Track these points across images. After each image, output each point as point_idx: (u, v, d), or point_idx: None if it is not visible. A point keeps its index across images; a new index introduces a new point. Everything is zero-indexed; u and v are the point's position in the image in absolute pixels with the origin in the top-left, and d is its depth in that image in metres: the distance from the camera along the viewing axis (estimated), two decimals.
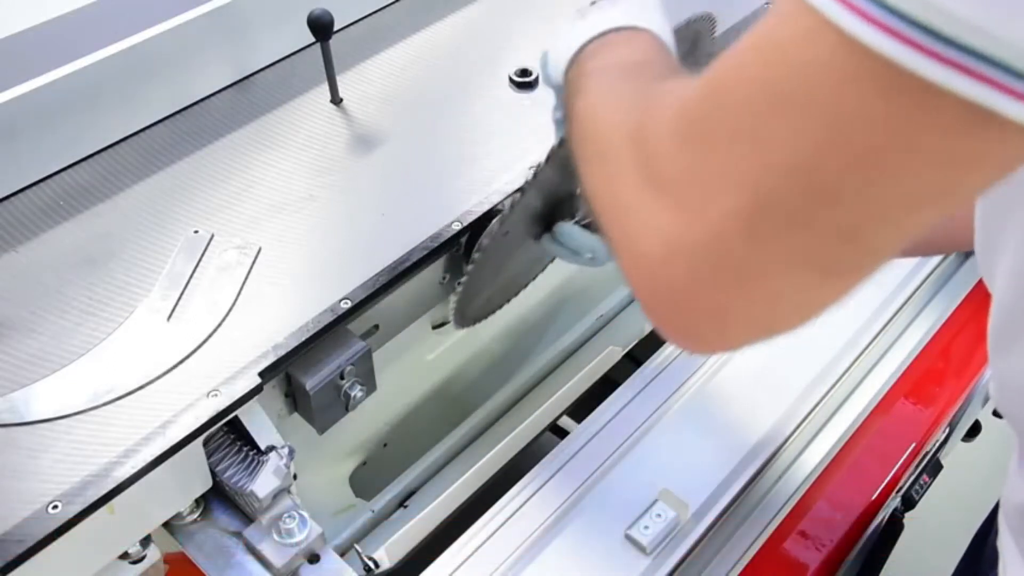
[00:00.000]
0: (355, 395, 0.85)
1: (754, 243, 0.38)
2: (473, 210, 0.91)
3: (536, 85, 1.08)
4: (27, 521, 0.67)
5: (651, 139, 0.42)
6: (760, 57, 0.37)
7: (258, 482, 0.76)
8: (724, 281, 0.39)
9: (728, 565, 0.84)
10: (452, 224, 0.90)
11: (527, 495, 0.85)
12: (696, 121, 0.40)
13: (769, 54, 0.37)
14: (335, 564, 0.77)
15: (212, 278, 0.86)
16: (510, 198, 0.77)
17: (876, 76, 0.33)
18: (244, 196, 0.95)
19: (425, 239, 0.89)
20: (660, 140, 0.41)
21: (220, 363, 0.79)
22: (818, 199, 0.36)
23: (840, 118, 0.34)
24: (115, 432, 0.73)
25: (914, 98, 0.32)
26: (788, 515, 0.88)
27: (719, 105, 0.39)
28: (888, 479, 0.92)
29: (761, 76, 0.37)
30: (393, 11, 1.22)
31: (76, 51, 0.97)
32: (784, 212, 0.37)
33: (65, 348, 0.80)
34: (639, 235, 0.42)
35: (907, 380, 1.01)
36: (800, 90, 0.35)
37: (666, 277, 0.41)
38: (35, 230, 0.92)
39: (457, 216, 0.91)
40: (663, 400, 0.92)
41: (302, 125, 1.04)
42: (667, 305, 0.42)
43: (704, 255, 0.39)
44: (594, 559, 0.80)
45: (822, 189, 0.36)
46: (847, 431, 0.94)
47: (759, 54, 0.38)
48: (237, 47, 1.09)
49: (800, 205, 0.36)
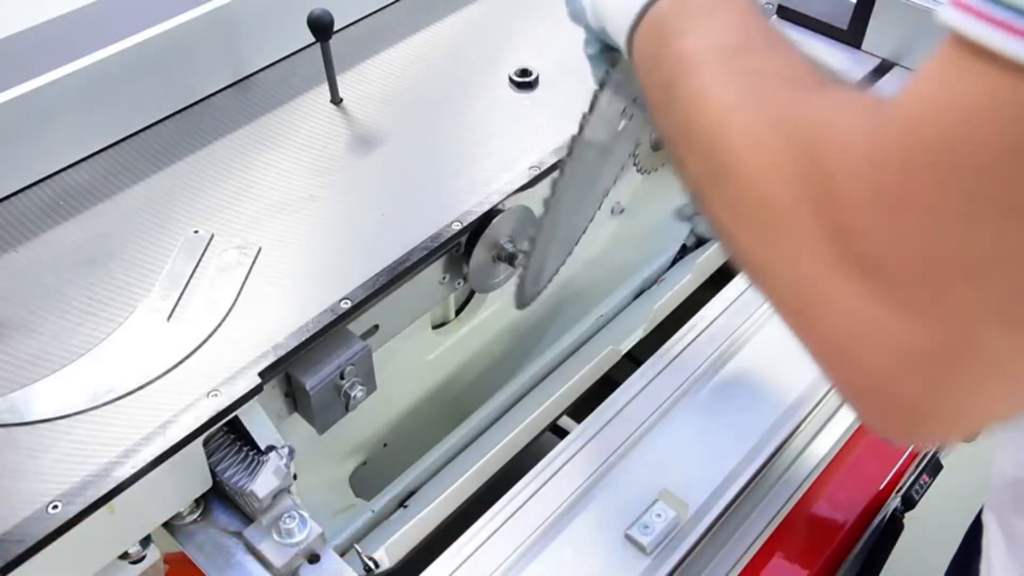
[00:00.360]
0: (355, 395, 0.85)
1: (1014, 333, 0.31)
2: (473, 210, 0.91)
3: (536, 85, 1.08)
4: (27, 521, 0.67)
5: (844, 202, 0.33)
6: (999, 115, 0.30)
7: (258, 482, 0.76)
8: (974, 382, 0.32)
9: (728, 565, 0.84)
10: (452, 224, 0.90)
11: (527, 495, 0.85)
12: (914, 190, 0.31)
13: (1010, 111, 0.29)
14: (335, 564, 0.77)
15: (212, 278, 0.86)
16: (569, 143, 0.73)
17: None
18: (244, 196, 0.95)
19: (425, 239, 0.89)
20: (858, 207, 0.32)
21: (220, 363, 0.79)
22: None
23: None
24: (115, 432, 0.73)
25: None
26: (788, 515, 0.88)
27: (947, 170, 0.30)
28: (888, 479, 0.92)
29: (1003, 137, 0.29)
30: (393, 11, 1.22)
31: (76, 51, 0.97)
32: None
33: (65, 348, 0.80)
34: (845, 332, 0.34)
35: None
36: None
37: (895, 391, 0.34)
38: (35, 230, 0.92)
39: (457, 216, 0.91)
40: (663, 400, 0.92)
41: (302, 125, 1.05)
42: (893, 417, 0.36)
43: (948, 362, 0.32)
44: (594, 559, 0.80)
45: None
46: (847, 431, 0.94)
47: (995, 111, 0.30)
48: (237, 47, 1.09)
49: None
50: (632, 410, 0.91)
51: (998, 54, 0.28)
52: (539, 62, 1.10)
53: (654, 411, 0.91)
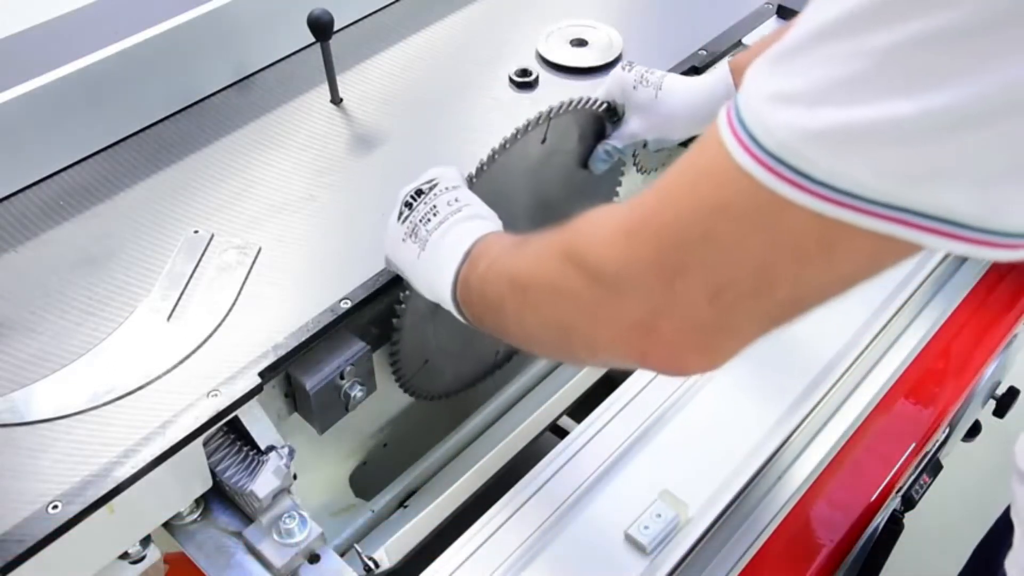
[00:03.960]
0: (355, 395, 0.85)
1: (713, 303, 0.48)
2: None
3: (536, 85, 1.08)
4: (27, 521, 0.67)
5: (589, 255, 0.53)
6: (699, 184, 0.48)
7: (258, 482, 0.76)
8: (704, 331, 0.50)
9: (728, 565, 0.84)
10: None
11: (527, 495, 0.85)
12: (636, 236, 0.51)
13: (706, 181, 0.47)
14: (335, 564, 0.77)
15: (212, 278, 0.86)
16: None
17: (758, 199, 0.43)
18: (244, 196, 0.95)
19: None
20: (599, 257, 0.53)
21: (220, 363, 0.79)
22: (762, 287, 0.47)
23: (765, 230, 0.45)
24: (115, 432, 0.73)
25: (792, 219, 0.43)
26: (788, 515, 0.88)
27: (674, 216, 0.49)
28: (888, 479, 0.92)
29: (705, 200, 0.47)
30: (393, 11, 1.22)
31: (76, 51, 0.97)
32: (739, 290, 0.47)
33: (65, 348, 0.80)
34: (629, 325, 0.52)
35: (907, 380, 1.01)
36: (738, 213, 0.45)
37: (655, 342, 0.52)
38: (35, 230, 0.92)
39: None
40: (663, 400, 0.92)
41: (302, 125, 1.05)
42: (661, 360, 0.53)
43: (678, 322, 0.50)
44: (594, 559, 0.80)
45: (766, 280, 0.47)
46: (847, 431, 0.94)
47: (699, 180, 0.48)
48: (237, 47, 1.09)
49: (750, 287, 0.47)
50: (632, 410, 0.91)
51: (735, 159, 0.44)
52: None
53: (654, 411, 0.91)
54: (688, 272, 0.48)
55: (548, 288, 0.58)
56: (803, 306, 0.48)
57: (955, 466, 1.23)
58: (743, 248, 0.46)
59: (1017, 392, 1.20)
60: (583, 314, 0.55)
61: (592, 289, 0.53)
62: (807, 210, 0.41)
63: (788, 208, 0.42)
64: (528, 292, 0.61)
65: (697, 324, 0.49)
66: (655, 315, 0.50)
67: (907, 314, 1.04)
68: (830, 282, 0.46)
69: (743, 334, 0.50)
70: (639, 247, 0.50)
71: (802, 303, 0.48)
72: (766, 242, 0.45)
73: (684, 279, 0.48)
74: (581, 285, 0.54)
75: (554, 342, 0.61)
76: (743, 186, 0.43)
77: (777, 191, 0.42)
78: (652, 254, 0.49)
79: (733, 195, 0.44)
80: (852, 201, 0.40)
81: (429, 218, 0.73)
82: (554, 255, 0.57)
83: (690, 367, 0.54)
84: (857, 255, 0.44)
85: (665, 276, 0.49)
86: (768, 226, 0.44)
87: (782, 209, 0.42)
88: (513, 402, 1.15)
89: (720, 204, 0.45)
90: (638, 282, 0.50)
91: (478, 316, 0.68)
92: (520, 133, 0.83)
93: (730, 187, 0.44)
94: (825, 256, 0.44)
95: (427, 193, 0.74)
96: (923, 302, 1.07)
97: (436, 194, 0.74)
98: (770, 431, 0.89)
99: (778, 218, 0.43)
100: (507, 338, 0.66)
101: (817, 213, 0.41)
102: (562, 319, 0.58)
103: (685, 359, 0.52)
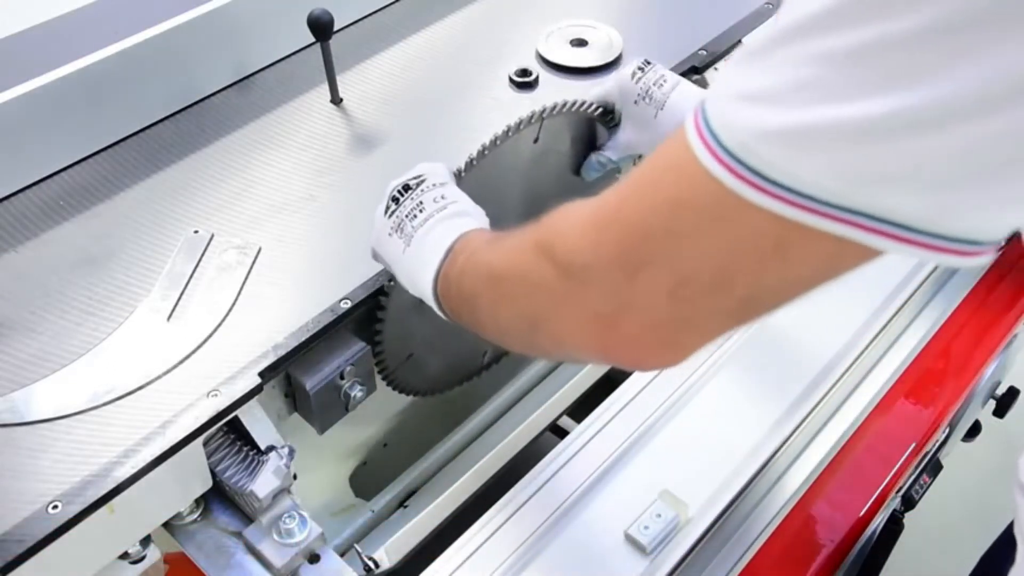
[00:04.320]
0: (355, 395, 0.85)
1: (673, 300, 0.49)
2: None
3: (536, 85, 1.08)
4: (27, 521, 0.67)
5: (558, 248, 0.54)
6: (663, 179, 0.49)
7: (258, 482, 0.76)
8: (665, 326, 0.51)
9: (728, 565, 0.84)
10: None
11: (527, 495, 0.85)
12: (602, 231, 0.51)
13: (670, 177, 0.48)
14: (335, 564, 0.77)
15: (212, 278, 0.86)
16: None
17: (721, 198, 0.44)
18: (244, 196, 0.95)
19: None
20: (568, 248, 0.53)
21: (220, 363, 0.79)
22: (718, 285, 0.47)
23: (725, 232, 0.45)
24: (115, 432, 0.73)
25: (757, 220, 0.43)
26: (788, 515, 0.88)
27: (636, 212, 0.50)
28: (888, 479, 0.92)
29: (667, 195, 0.48)
30: (393, 11, 1.22)
31: (76, 51, 0.97)
32: (698, 285, 0.48)
33: (65, 348, 0.80)
34: (592, 315, 0.53)
35: (907, 380, 1.01)
36: (697, 209, 0.46)
37: (614, 334, 0.52)
38: (35, 230, 0.92)
39: None
40: (663, 400, 0.92)
41: (302, 125, 1.05)
42: (623, 353, 0.54)
43: (638, 317, 0.51)
44: (594, 559, 0.80)
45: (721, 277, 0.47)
46: (847, 431, 0.94)
47: (664, 175, 0.49)
48: (237, 47, 1.09)
49: (708, 284, 0.47)
50: (632, 410, 0.91)
51: (700, 159, 0.44)
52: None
53: (654, 411, 0.91)
54: (650, 267, 0.48)
55: (520, 279, 0.59)
56: (763, 305, 0.49)
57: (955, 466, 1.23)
58: (703, 245, 0.46)
59: (1017, 392, 1.20)
60: (552, 305, 0.56)
61: (561, 281, 0.54)
62: (764, 210, 0.42)
63: (746, 208, 0.43)
64: (502, 283, 0.62)
65: (658, 319, 0.50)
66: (618, 309, 0.51)
67: (907, 314, 1.05)
68: (788, 283, 0.47)
69: (703, 331, 0.51)
70: (605, 240, 0.50)
71: (761, 302, 0.48)
72: (725, 240, 0.45)
73: (646, 274, 0.49)
74: (551, 277, 0.54)
75: (524, 334, 0.62)
76: (704, 184, 0.44)
77: (736, 190, 0.43)
78: (617, 247, 0.50)
79: (694, 192, 0.45)
80: (807, 203, 0.41)
81: (415, 214, 0.73)
82: (528, 247, 0.57)
83: (650, 362, 0.55)
84: (814, 257, 0.44)
85: (628, 270, 0.49)
86: (727, 224, 0.45)
87: (741, 208, 0.43)
88: (513, 402, 1.15)
89: (681, 200, 0.46)
90: (603, 275, 0.51)
91: (455, 310, 0.69)
92: (511, 131, 0.83)
93: (692, 184, 0.45)
94: (782, 257, 0.44)
95: (414, 189, 0.74)
96: (923, 302, 1.07)
97: (423, 190, 0.74)
98: (770, 431, 0.89)
99: (737, 217, 0.44)
100: (481, 331, 0.67)
101: (774, 214, 0.42)
102: (532, 310, 0.58)
103: (645, 354, 0.53)
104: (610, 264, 0.50)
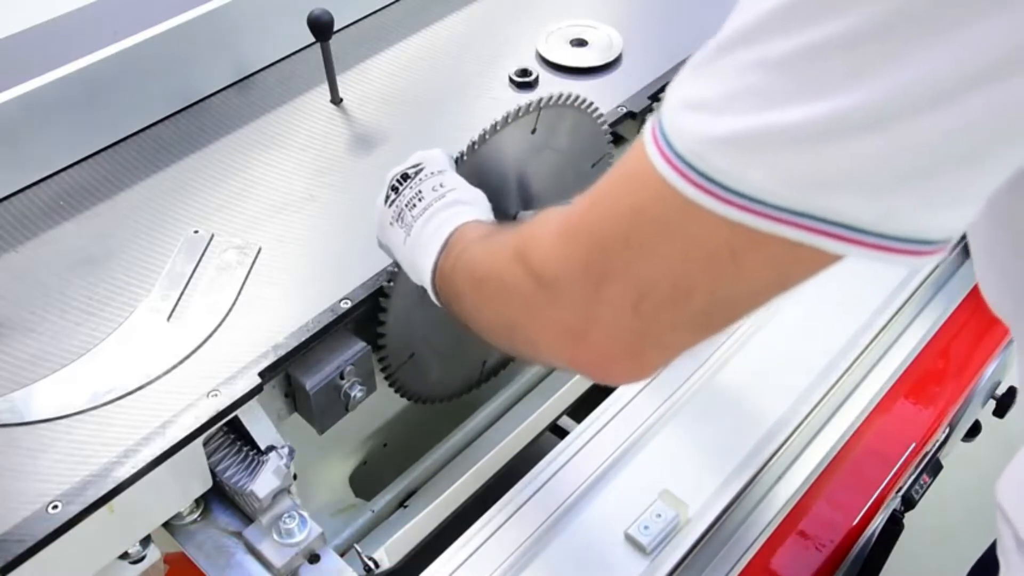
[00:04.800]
0: (355, 395, 0.85)
1: (635, 314, 0.49)
2: None
3: (536, 85, 1.08)
4: (27, 521, 0.67)
5: (533, 256, 0.55)
6: (623, 187, 0.49)
7: (258, 482, 0.76)
8: (631, 339, 0.51)
9: (728, 565, 0.84)
10: None
11: (527, 495, 0.85)
12: (572, 242, 0.52)
13: (629, 185, 0.48)
14: (335, 564, 0.77)
15: (212, 278, 0.86)
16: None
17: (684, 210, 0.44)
18: (244, 196, 0.95)
19: None
20: (542, 258, 0.54)
21: (220, 363, 0.79)
22: (679, 296, 0.47)
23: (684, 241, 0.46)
24: (115, 432, 0.73)
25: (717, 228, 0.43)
26: (788, 515, 0.88)
27: (599, 220, 0.50)
28: (888, 479, 0.92)
29: (626, 203, 0.48)
30: (393, 11, 1.22)
31: (76, 51, 0.97)
32: (659, 296, 0.48)
33: (65, 348, 0.80)
34: (559, 326, 0.54)
35: (907, 380, 1.01)
36: (654, 217, 0.46)
37: (587, 348, 0.53)
38: (35, 230, 0.92)
39: None
40: (663, 400, 0.92)
41: (302, 125, 1.05)
42: (590, 366, 0.55)
43: (606, 331, 0.51)
44: (594, 559, 0.80)
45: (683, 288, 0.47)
46: (847, 431, 0.94)
47: (623, 183, 0.49)
48: (237, 47, 1.09)
49: (668, 294, 0.47)
50: (632, 410, 0.91)
51: (657, 169, 0.44)
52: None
53: (654, 411, 0.91)
54: (613, 277, 0.49)
55: (499, 284, 0.59)
56: (724, 316, 0.49)
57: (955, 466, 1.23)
58: (660, 253, 0.46)
59: (1017, 392, 1.20)
60: (526, 314, 0.56)
61: (535, 290, 0.54)
62: (716, 215, 0.42)
63: (699, 213, 0.43)
64: (483, 286, 0.62)
65: (623, 332, 0.50)
66: (586, 322, 0.51)
67: (907, 314, 1.05)
68: (747, 291, 0.47)
69: (668, 344, 0.51)
70: (573, 251, 0.51)
71: (723, 312, 0.48)
72: (680, 247, 0.46)
73: (610, 284, 0.49)
74: (526, 285, 0.55)
75: (504, 336, 0.62)
76: (660, 191, 0.44)
77: (687, 195, 0.43)
78: (583, 257, 0.50)
79: (649, 199, 0.45)
80: (758, 207, 0.41)
81: (414, 203, 0.73)
82: (508, 252, 0.58)
83: (617, 375, 0.55)
84: (768, 262, 0.44)
85: (593, 280, 0.50)
86: (681, 231, 0.45)
87: (694, 214, 0.43)
88: (513, 402, 1.15)
89: (640, 209, 0.47)
90: (571, 287, 0.51)
91: (447, 304, 0.70)
92: (511, 117, 0.83)
93: (647, 190, 0.45)
94: (737, 264, 0.45)
95: (412, 178, 0.75)
96: (923, 302, 1.07)
97: (422, 179, 0.74)
98: (770, 431, 0.89)
99: (690, 223, 0.44)
100: (470, 326, 0.68)
101: (725, 218, 0.42)
102: (509, 316, 0.59)
103: (612, 367, 0.54)
104: (577, 276, 0.51)
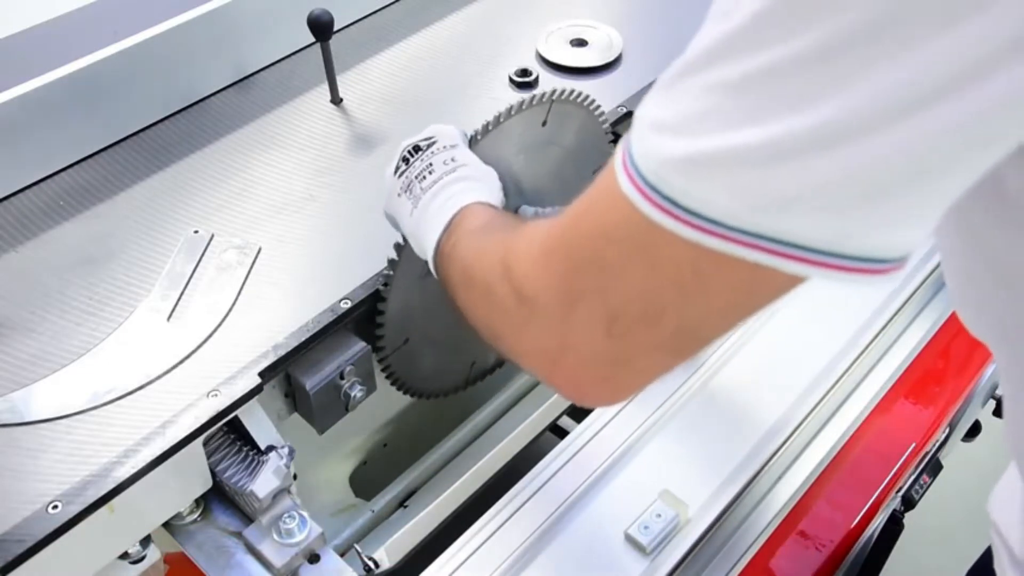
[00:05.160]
0: (355, 395, 0.85)
1: (610, 337, 0.49)
2: None
3: (536, 85, 1.08)
4: (27, 521, 0.67)
5: (516, 271, 0.55)
6: (596, 208, 0.49)
7: (258, 482, 0.76)
8: (604, 361, 0.51)
9: (728, 565, 0.84)
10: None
11: (527, 495, 0.85)
12: (551, 260, 0.52)
13: (600, 205, 0.48)
14: (335, 564, 0.77)
15: (212, 278, 0.86)
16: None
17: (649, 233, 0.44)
18: (244, 196, 0.95)
19: None
20: (523, 273, 0.54)
21: (220, 363, 0.79)
22: (648, 317, 0.47)
23: (650, 261, 0.46)
24: (115, 432, 0.73)
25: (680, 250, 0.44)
26: (788, 515, 0.88)
27: (571, 244, 0.50)
28: (888, 479, 0.92)
29: (598, 225, 0.48)
30: (393, 11, 1.22)
31: (76, 51, 0.97)
32: (630, 319, 0.48)
33: (65, 348, 0.80)
34: (536, 343, 0.54)
35: (907, 380, 1.01)
36: (622, 238, 0.46)
37: (562, 369, 0.53)
38: (35, 230, 0.92)
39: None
40: (663, 400, 0.92)
41: (302, 125, 1.05)
42: (564, 388, 0.55)
43: (581, 353, 0.51)
44: (594, 559, 0.80)
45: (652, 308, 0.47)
46: (847, 431, 0.94)
47: (596, 204, 0.49)
48: (237, 47, 1.09)
49: (639, 317, 0.47)
50: (632, 410, 0.91)
51: (624, 192, 0.44)
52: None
53: (654, 411, 0.91)
54: (585, 299, 0.49)
55: (485, 290, 0.59)
56: (696, 339, 0.49)
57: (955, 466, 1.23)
58: (629, 275, 0.47)
59: None
60: (508, 327, 0.56)
61: (516, 306, 0.55)
62: (680, 237, 0.43)
63: (663, 235, 0.43)
64: (472, 287, 0.63)
65: (596, 356, 0.50)
66: (561, 343, 0.51)
67: (907, 314, 1.04)
68: (714, 313, 0.47)
69: (641, 368, 0.51)
70: (548, 271, 0.51)
71: (694, 335, 0.48)
72: (648, 269, 0.46)
73: (582, 307, 0.49)
74: (508, 299, 0.55)
75: (490, 340, 0.63)
76: (627, 213, 0.44)
77: (652, 218, 0.43)
78: (558, 278, 0.50)
79: (618, 221, 0.46)
80: (718, 229, 0.42)
81: (425, 175, 0.73)
82: (497, 259, 0.58)
83: (592, 398, 0.55)
84: (732, 284, 0.44)
85: (567, 302, 0.50)
86: (648, 253, 0.45)
87: (658, 236, 0.43)
88: (513, 402, 1.15)
89: (608, 229, 0.47)
90: (545, 308, 0.51)
91: (444, 285, 0.71)
92: (525, 104, 0.82)
93: (616, 212, 0.46)
94: (702, 285, 0.45)
95: (424, 150, 0.75)
96: (923, 302, 1.07)
97: (433, 152, 0.74)
98: (770, 431, 0.89)
99: (656, 245, 0.44)
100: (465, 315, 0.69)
101: (689, 241, 0.43)
102: (492, 324, 0.60)
103: (587, 390, 0.54)
104: (552, 297, 0.51)
